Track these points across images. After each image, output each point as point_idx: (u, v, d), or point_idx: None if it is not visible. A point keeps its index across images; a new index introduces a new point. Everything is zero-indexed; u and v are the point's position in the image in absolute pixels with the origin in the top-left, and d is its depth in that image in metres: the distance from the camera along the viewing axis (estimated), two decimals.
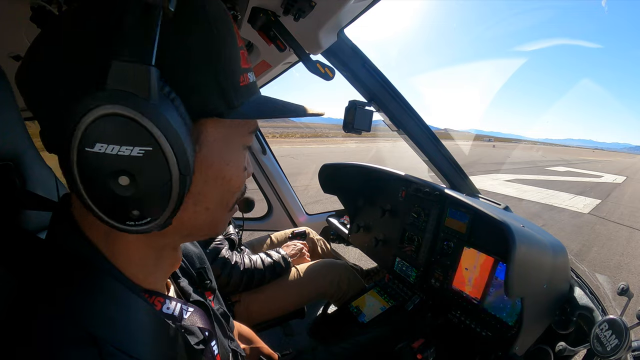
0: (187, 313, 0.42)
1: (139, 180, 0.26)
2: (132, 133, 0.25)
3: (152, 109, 0.25)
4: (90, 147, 0.25)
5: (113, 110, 0.24)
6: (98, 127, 0.24)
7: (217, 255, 1.15)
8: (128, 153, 0.25)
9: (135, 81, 0.24)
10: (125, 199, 0.27)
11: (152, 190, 0.27)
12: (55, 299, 0.30)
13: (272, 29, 0.81)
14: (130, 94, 0.24)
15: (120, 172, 0.26)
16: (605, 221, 6.27)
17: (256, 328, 1.16)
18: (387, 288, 1.33)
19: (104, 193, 0.27)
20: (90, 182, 0.26)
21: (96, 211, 0.28)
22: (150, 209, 0.28)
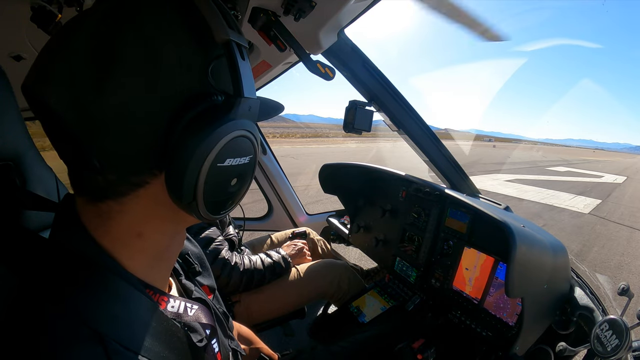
0: (192, 310, 0.43)
1: (244, 179, 0.36)
2: (247, 147, 0.34)
3: (254, 128, 0.34)
4: (222, 163, 0.32)
5: (240, 133, 0.32)
6: (229, 147, 0.32)
7: (217, 256, 1.15)
8: (244, 162, 0.34)
9: (252, 111, 0.34)
10: (231, 195, 0.36)
11: (247, 183, 0.38)
12: (60, 298, 0.30)
13: (273, 29, 0.81)
14: (248, 120, 0.33)
15: (235, 176, 0.34)
16: (605, 221, 6.27)
17: (256, 328, 1.17)
18: (387, 288, 1.33)
19: (219, 195, 0.34)
20: (212, 190, 0.32)
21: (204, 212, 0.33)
22: (239, 197, 0.38)
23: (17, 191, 0.50)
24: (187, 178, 0.30)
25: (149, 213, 0.34)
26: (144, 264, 0.37)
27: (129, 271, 0.35)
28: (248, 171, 0.36)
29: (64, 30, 0.29)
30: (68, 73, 0.28)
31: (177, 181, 0.30)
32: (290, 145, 23.87)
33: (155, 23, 0.29)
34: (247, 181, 0.37)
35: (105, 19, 0.29)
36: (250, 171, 0.37)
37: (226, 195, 0.35)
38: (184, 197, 0.31)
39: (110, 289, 0.32)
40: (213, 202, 0.33)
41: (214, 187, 0.32)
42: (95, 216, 0.33)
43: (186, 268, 0.53)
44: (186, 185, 0.30)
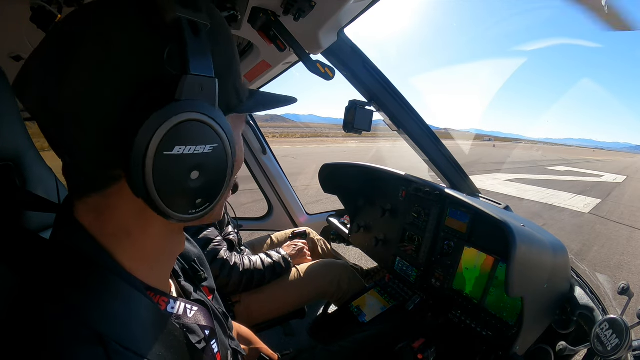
0: (191, 312, 0.43)
1: (208, 172, 0.32)
2: (205, 134, 0.30)
3: (216, 113, 0.31)
4: (169, 151, 0.28)
5: (190, 117, 0.29)
6: (177, 132, 0.28)
7: (215, 257, 1.15)
8: (201, 151, 0.30)
9: (204, 92, 0.30)
10: (194, 190, 0.32)
11: (215, 178, 0.33)
12: (60, 298, 0.30)
13: (272, 29, 0.81)
14: (201, 102, 0.30)
15: (193, 167, 0.31)
16: (605, 221, 6.27)
17: (256, 328, 1.17)
18: (387, 288, 1.33)
19: (176, 189, 0.31)
20: (165, 182, 0.29)
21: (164, 209, 0.30)
22: (211, 195, 0.34)
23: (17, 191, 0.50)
24: (133, 167, 0.28)
25: (134, 208, 0.33)
26: (143, 265, 0.37)
27: (130, 271, 0.35)
28: (213, 163, 0.32)
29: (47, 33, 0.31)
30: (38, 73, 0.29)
31: (128, 172, 0.28)
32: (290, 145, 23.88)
33: (106, 11, 0.29)
34: (216, 175, 0.33)
35: (68, 17, 0.30)
36: (218, 163, 0.32)
37: (187, 190, 0.31)
38: (137, 190, 0.29)
39: (110, 289, 0.32)
40: (172, 198, 0.30)
41: (166, 180, 0.29)
42: (87, 212, 0.34)
43: (192, 274, 0.53)
44: (135, 176, 0.28)
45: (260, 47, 1.06)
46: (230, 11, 0.74)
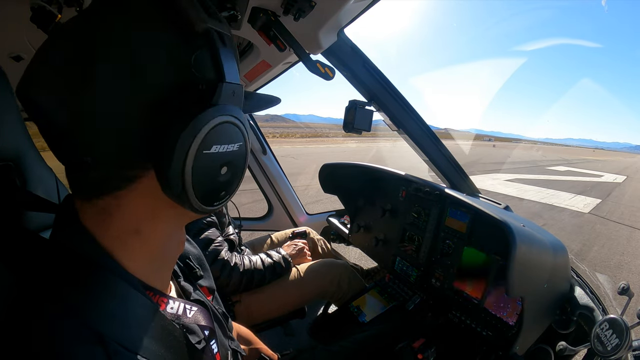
0: (191, 312, 0.43)
1: (235, 167, 0.36)
2: (235, 134, 0.34)
3: (242, 115, 0.35)
4: (207, 150, 0.32)
5: (225, 119, 0.32)
6: (215, 133, 0.32)
7: (216, 257, 1.15)
8: (232, 149, 0.34)
9: (237, 97, 0.34)
10: (222, 184, 0.35)
11: (239, 172, 0.37)
12: (60, 298, 0.30)
13: (272, 29, 0.81)
14: (233, 106, 0.33)
15: (224, 164, 0.34)
16: (605, 221, 6.27)
17: (256, 328, 1.17)
18: (387, 288, 1.33)
19: (209, 184, 0.34)
20: (201, 178, 0.32)
21: (193, 202, 0.33)
22: (232, 187, 0.37)
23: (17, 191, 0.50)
24: (173, 166, 0.30)
25: (146, 208, 0.34)
26: (144, 265, 0.37)
27: (129, 272, 0.35)
28: (239, 159, 0.36)
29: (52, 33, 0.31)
30: (54, 75, 0.29)
31: (165, 171, 0.30)
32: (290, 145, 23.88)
33: (133, 21, 0.30)
34: (239, 170, 0.37)
35: (84, 20, 0.30)
36: (241, 159, 0.37)
37: (217, 184, 0.35)
38: (173, 187, 0.31)
39: (110, 289, 0.32)
40: (204, 191, 0.33)
41: (202, 176, 0.32)
42: (94, 214, 0.34)
43: (187, 272, 0.53)
44: (173, 174, 0.30)
45: (260, 47, 1.06)
46: (230, 11, 0.74)
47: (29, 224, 0.53)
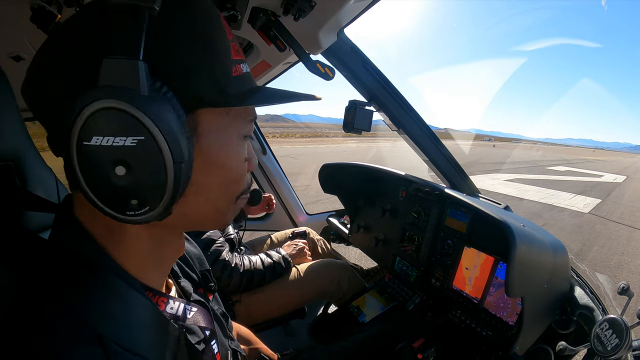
0: (191, 313, 0.43)
1: (135, 169, 0.28)
2: (125, 124, 0.26)
3: (142, 100, 0.26)
4: (88, 141, 0.27)
5: (106, 104, 0.26)
6: (94, 121, 0.26)
7: (217, 258, 1.15)
8: (122, 143, 0.27)
9: (125, 76, 0.26)
10: (123, 189, 0.28)
11: (147, 178, 0.28)
12: (59, 298, 0.30)
13: (272, 29, 0.81)
14: (120, 88, 0.26)
15: (116, 162, 0.27)
16: (605, 220, 6.27)
17: (256, 328, 1.17)
18: (387, 288, 1.33)
19: (103, 185, 0.28)
20: (90, 175, 0.28)
21: (98, 204, 0.29)
22: (148, 198, 0.29)
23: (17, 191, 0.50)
24: (65, 160, 0.28)
25: None
26: (142, 265, 0.37)
27: (128, 270, 0.35)
28: (140, 159, 0.27)
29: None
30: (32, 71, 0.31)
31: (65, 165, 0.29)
32: (290, 145, 23.87)
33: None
34: (145, 174, 0.28)
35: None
36: (147, 160, 0.28)
37: (114, 187, 0.28)
38: (76, 183, 0.29)
39: (109, 289, 0.32)
40: (104, 195, 0.29)
41: (92, 173, 0.28)
42: (90, 213, 0.33)
43: (203, 282, 0.54)
44: (68, 167, 0.28)
45: (260, 47, 1.06)
46: (230, 11, 0.74)
47: (29, 224, 0.53)
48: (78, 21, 0.30)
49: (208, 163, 0.34)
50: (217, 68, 0.32)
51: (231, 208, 0.39)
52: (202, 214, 0.37)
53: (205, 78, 0.31)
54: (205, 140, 0.33)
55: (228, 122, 0.35)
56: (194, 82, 0.31)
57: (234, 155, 0.37)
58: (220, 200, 0.37)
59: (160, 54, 0.29)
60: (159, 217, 0.31)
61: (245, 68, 0.36)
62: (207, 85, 0.31)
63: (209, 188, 0.35)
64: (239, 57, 0.35)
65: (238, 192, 0.39)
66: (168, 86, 0.29)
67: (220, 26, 0.33)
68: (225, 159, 0.36)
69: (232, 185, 0.38)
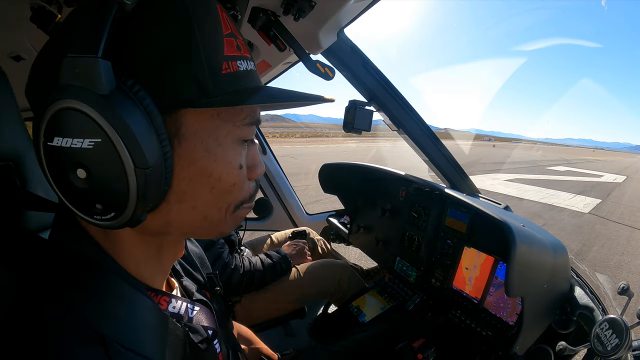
0: (193, 312, 0.43)
1: (94, 173, 0.27)
2: (82, 125, 0.25)
3: (100, 100, 0.25)
4: (50, 142, 0.26)
5: (64, 104, 0.25)
6: (55, 121, 0.26)
7: (217, 258, 1.16)
8: (79, 145, 0.26)
9: (82, 75, 0.25)
10: (85, 192, 0.27)
11: (107, 183, 0.27)
12: (60, 298, 0.30)
13: (272, 29, 0.81)
14: (77, 87, 0.25)
15: (76, 164, 0.26)
16: (605, 221, 6.27)
17: (256, 328, 1.17)
18: (387, 288, 1.33)
19: (68, 187, 0.28)
20: (55, 176, 0.28)
21: (67, 205, 0.29)
22: (111, 203, 0.28)
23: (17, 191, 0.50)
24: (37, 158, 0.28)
25: None
26: (143, 262, 0.36)
27: (128, 270, 0.35)
28: (98, 162, 0.26)
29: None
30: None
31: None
32: (290, 145, 23.87)
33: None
34: (105, 178, 0.27)
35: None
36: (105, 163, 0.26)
37: (76, 189, 0.27)
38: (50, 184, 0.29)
39: (110, 288, 0.32)
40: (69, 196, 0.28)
41: (56, 175, 0.28)
42: None
43: (209, 286, 0.54)
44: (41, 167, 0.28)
45: (260, 47, 1.06)
46: (230, 11, 0.74)
47: (28, 223, 0.53)
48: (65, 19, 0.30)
49: (192, 169, 0.32)
50: (199, 64, 0.29)
51: (228, 218, 0.37)
52: (189, 222, 0.35)
53: (184, 75, 0.29)
54: (189, 144, 0.31)
55: (218, 124, 0.32)
56: (171, 79, 0.28)
57: (224, 161, 0.33)
58: (210, 209, 0.35)
59: (133, 51, 0.28)
60: (130, 224, 0.29)
61: (244, 65, 0.33)
62: (187, 83, 0.29)
63: (195, 196, 0.33)
64: (235, 53, 0.33)
65: (236, 202, 0.36)
66: (141, 84, 0.27)
67: (209, 19, 0.31)
68: (213, 165, 0.33)
69: (225, 194, 0.35)
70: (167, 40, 0.28)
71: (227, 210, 0.36)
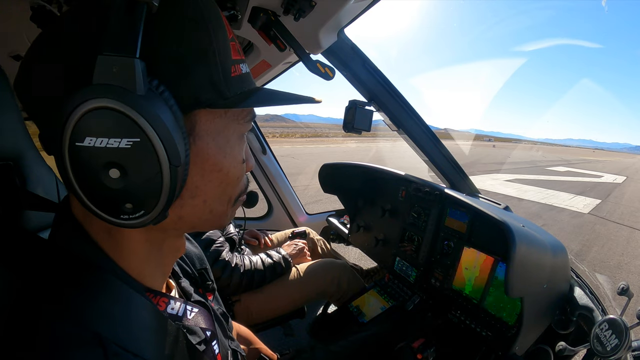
0: (192, 313, 0.43)
1: (130, 173, 0.27)
2: (120, 125, 0.25)
3: (138, 100, 0.25)
4: (81, 142, 0.26)
5: (100, 104, 0.25)
6: (87, 121, 0.25)
7: (217, 258, 1.16)
8: (116, 145, 0.26)
9: (120, 74, 0.25)
10: (117, 192, 0.27)
11: (142, 182, 0.27)
12: (59, 299, 0.30)
13: (272, 29, 0.81)
14: (115, 87, 0.25)
15: (110, 164, 0.26)
16: (605, 221, 6.27)
17: (256, 328, 1.17)
18: (387, 288, 1.33)
19: (96, 187, 0.27)
20: (83, 177, 0.27)
21: (91, 207, 0.28)
22: (143, 202, 0.28)
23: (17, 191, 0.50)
24: (57, 161, 0.27)
25: None
26: (143, 263, 0.37)
27: (128, 271, 0.35)
28: (135, 162, 0.26)
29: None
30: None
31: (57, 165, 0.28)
32: (290, 145, 23.88)
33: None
34: (140, 177, 0.27)
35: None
36: (142, 163, 0.27)
37: (108, 190, 0.27)
38: (67, 186, 0.28)
39: (109, 289, 0.32)
40: (97, 197, 0.28)
41: (84, 175, 0.27)
42: (86, 212, 0.33)
43: (200, 282, 0.53)
44: (60, 169, 0.27)
45: (261, 47, 1.06)
46: (231, 11, 0.75)
47: (28, 223, 0.53)
48: (70, 17, 0.29)
49: (205, 165, 0.33)
50: (215, 68, 0.31)
51: (229, 210, 0.39)
52: (199, 216, 0.36)
53: (203, 78, 0.30)
54: (202, 142, 0.33)
55: (226, 122, 0.35)
56: (191, 81, 0.30)
57: (232, 156, 0.36)
58: (217, 203, 0.37)
59: (157, 52, 0.28)
60: (155, 221, 0.30)
61: (244, 68, 0.36)
62: (205, 86, 0.31)
63: (206, 190, 0.35)
64: (239, 57, 0.35)
65: (236, 194, 0.39)
66: (165, 85, 0.28)
67: (221, 25, 0.32)
68: (223, 161, 0.35)
69: (229, 187, 0.37)
70: (189, 43, 0.29)
71: (229, 202, 0.38)
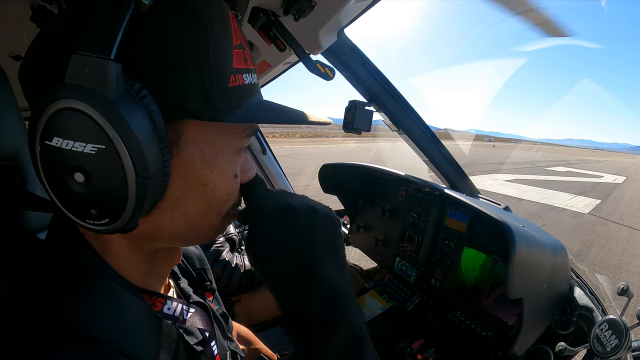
0: (189, 314, 0.43)
1: (93, 180, 0.25)
2: (86, 129, 0.24)
3: (109, 105, 0.24)
4: (49, 141, 0.25)
5: (67, 104, 0.24)
6: (56, 121, 0.24)
7: (218, 258, 1.16)
8: (81, 150, 0.24)
9: (91, 76, 0.24)
10: (82, 196, 0.26)
11: (106, 190, 0.26)
12: (54, 301, 0.30)
13: (272, 29, 0.81)
14: (85, 88, 0.24)
15: (75, 168, 0.25)
16: (605, 221, 6.27)
17: (256, 328, 1.17)
18: (387, 288, 1.32)
19: (62, 189, 0.26)
20: (51, 176, 0.26)
21: (60, 207, 0.28)
22: (107, 210, 0.27)
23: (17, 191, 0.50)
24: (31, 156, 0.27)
25: None
26: (135, 266, 0.36)
27: (121, 273, 0.35)
28: (99, 169, 0.25)
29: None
30: None
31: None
32: (290, 145, 23.87)
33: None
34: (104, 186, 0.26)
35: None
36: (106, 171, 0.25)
37: (72, 193, 0.26)
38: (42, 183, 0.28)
39: (103, 291, 0.32)
40: (64, 199, 0.27)
41: (52, 175, 0.26)
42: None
43: (199, 282, 0.53)
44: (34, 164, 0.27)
45: (261, 47, 1.06)
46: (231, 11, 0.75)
47: (27, 224, 0.52)
48: (61, 15, 0.29)
49: (189, 178, 0.31)
50: (208, 74, 0.28)
51: (217, 224, 0.37)
52: (180, 229, 0.34)
53: (193, 84, 0.28)
54: (187, 154, 0.30)
55: (217, 135, 0.32)
56: (179, 87, 0.27)
57: (220, 172, 0.33)
58: (200, 217, 0.34)
59: (143, 53, 0.26)
60: (123, 230, 0.28)
61: (249, 79, 0.33)
62: (195, 93, 0.28)
63: (187, 204, 0.33)
64: (243, 66, 0.32)
65: (226, 208, 0.36)
66: (149, 90, 0.26)
67: (224, 28, 0.30)
68: (210, 175, 0.32)
69: (216, 201, 0.35)
70: (180, 46, 0.27)
71: (217, 215, 0.36)
